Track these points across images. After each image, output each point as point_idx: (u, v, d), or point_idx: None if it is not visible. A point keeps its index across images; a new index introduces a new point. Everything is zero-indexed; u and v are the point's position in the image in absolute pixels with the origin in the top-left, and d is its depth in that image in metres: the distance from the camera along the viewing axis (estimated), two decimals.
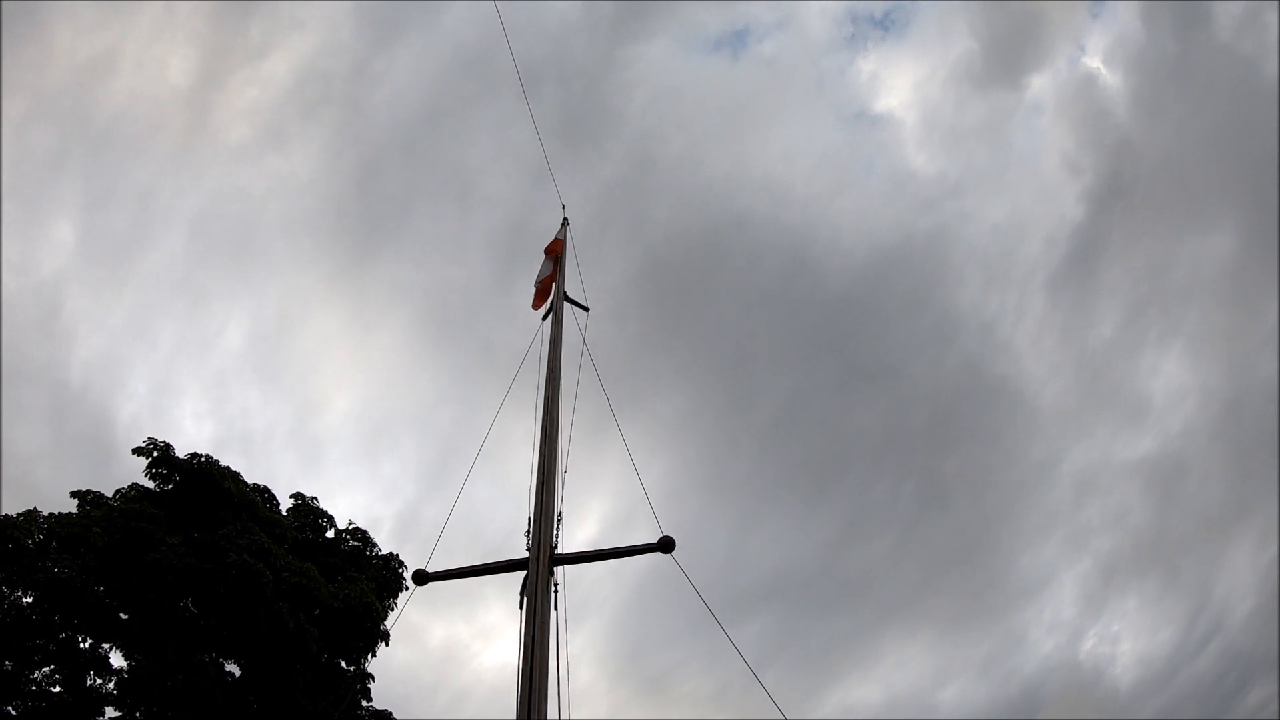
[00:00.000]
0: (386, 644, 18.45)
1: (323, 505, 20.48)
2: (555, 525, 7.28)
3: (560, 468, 8.02)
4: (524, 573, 6.92)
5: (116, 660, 16.37)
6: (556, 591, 6.82)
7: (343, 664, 18.17)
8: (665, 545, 7.07)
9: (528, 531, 7.28)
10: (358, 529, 20.38)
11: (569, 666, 6.50)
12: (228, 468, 18.92)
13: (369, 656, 18.31)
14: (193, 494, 18.25)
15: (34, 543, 16.08)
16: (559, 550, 7.13)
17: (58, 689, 15.70)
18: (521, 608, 6.63)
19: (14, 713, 14.59)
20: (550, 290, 13.13)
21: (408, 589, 19.03)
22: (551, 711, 6.07)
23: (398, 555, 20.33)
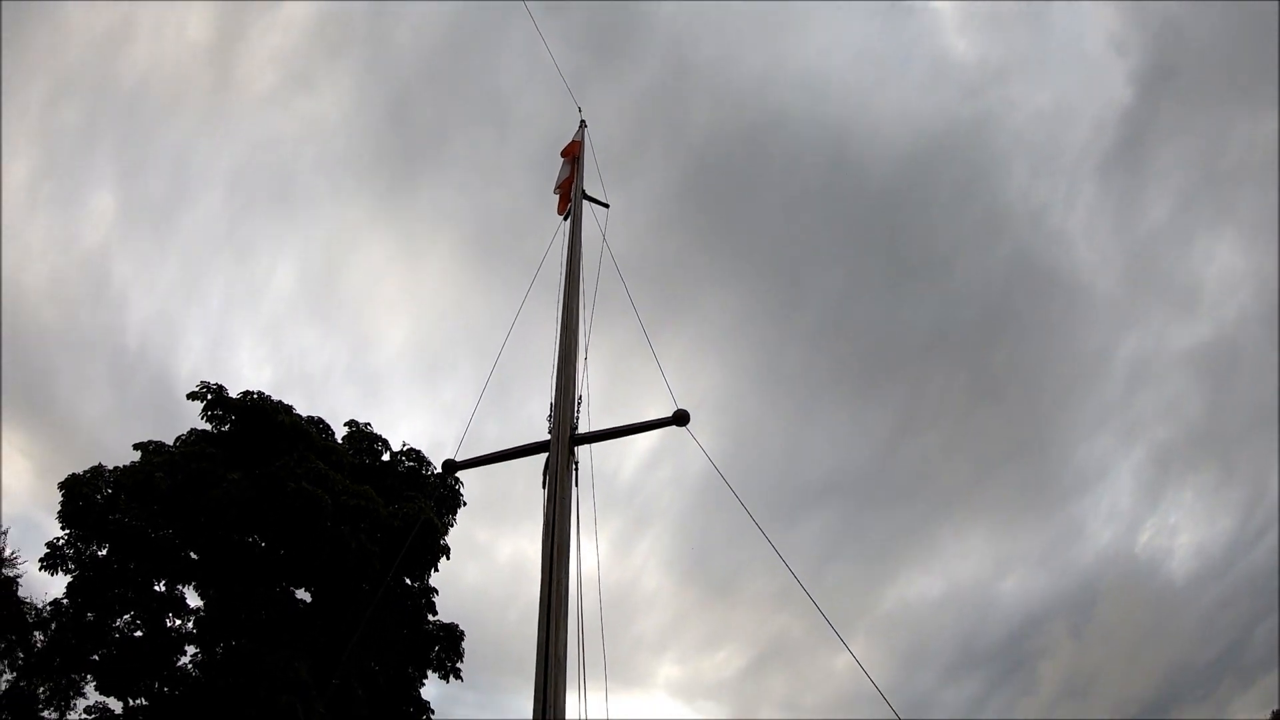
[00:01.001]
0: (447, 558, 18.91)
1: (383, 434, 20.86)
2: (575, 407, 7.28)
3: (580, 354, 8.06)
4: (547, 455, 6.95)
5: (192, 600, 17.02)
6: (577, 470, 6.85)
7: (407, 581, 18.71)
8: (680, 419, 7.05)
9: (550, 415, 7.30)
10: (413, 450, 20.77)
11: (589, 545, 6.55)
12: (280, 402, 19.29)
13: (431, 571, 18.81)
14: (249, 431, 18.67)
15: (103, 497, 16.61)
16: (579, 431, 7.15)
17: (139, 633, 16.41)
18: (544, 486, 6.70)
19: (100, 660, 15.27)
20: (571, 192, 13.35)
21: (465, 505, 19.45)
22: (576, 602, 6.09)
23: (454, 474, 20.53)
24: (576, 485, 6.67)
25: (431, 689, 18.90)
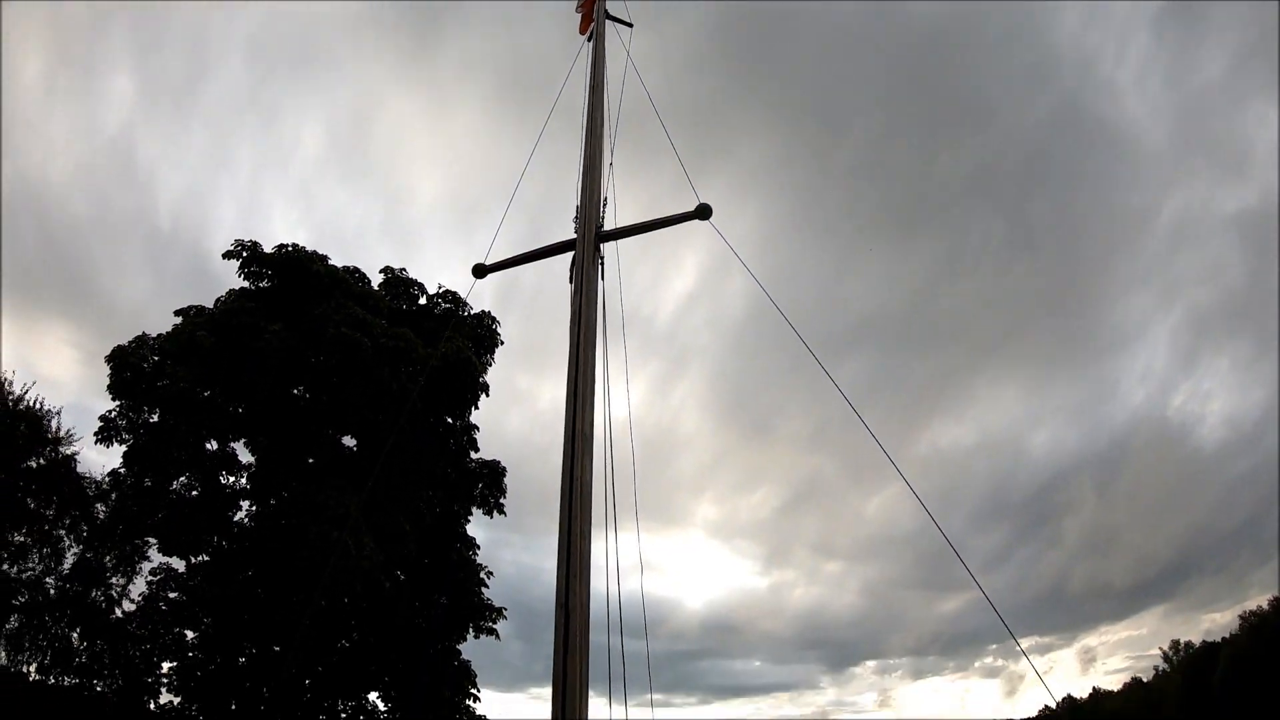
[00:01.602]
0: (486, 395, 19.29)
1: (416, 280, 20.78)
2: (600, 209, 7.27)
3: (605, 158, 7.99)
4: (573, 254, 7.00)
5: (243, 456, 17.57)
6: (603, 264, 6.91)
7: (449, 420, 19.24)
8: (703, 212, 6.95)
9: (576, 217, 7.30)
10: (448, 292, 20.93)
11: (619, 384, 6.65)
12: (314, 252, 19.33)
13: (471, 410, 19.27)
14: (286, 285, 18.81)
15: (149, 365, 16.91)
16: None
17: (195, 493, 17.06)
18: (571, 282, 6.76)
19: (160, 524, 15.91)
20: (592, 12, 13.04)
21: (503, 344, 19.66)
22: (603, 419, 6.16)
23: (489, 313, 20.98)
24: (603, 279, 6.74)
25: (479, 531, 19.88)
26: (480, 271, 7.63)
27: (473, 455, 19.52)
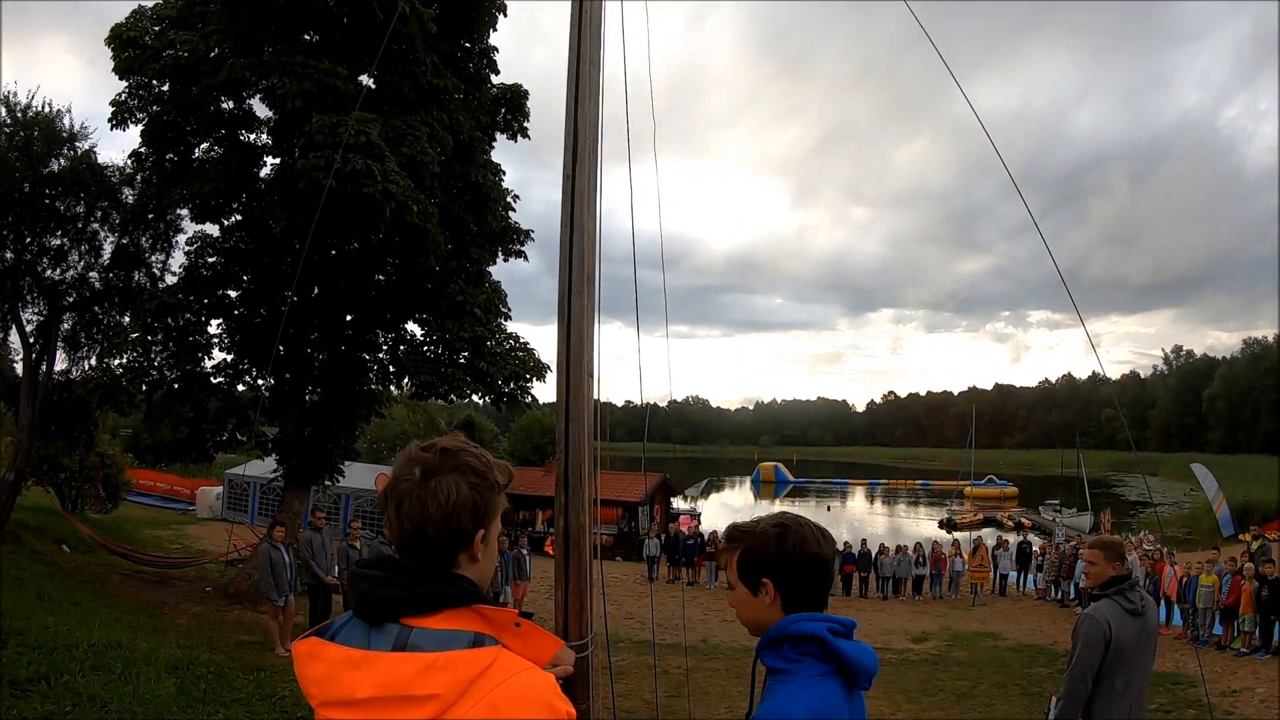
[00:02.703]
0: (504, 15, 17.84)
1: None
2: None
3: None
4: None
5: (261, 111, 16.94)
6: None
7: (465, 44, 17.99)
8: None
9: None
10: None
11: None
12: None
13: (489, 31, 17.88)
14: None
15: (151, 37, 15.88)
16: None
17: (219, 154, 16.29)
18: None
19: (188, 194, 15.79)
20: None
21: None
22: None
23: None
24: None
25: (508, 165, 19.15)
26: None
27: (493, 79, 18.19)
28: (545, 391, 18.72)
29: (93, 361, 17.34)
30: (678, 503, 42.34)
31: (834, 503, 65.48)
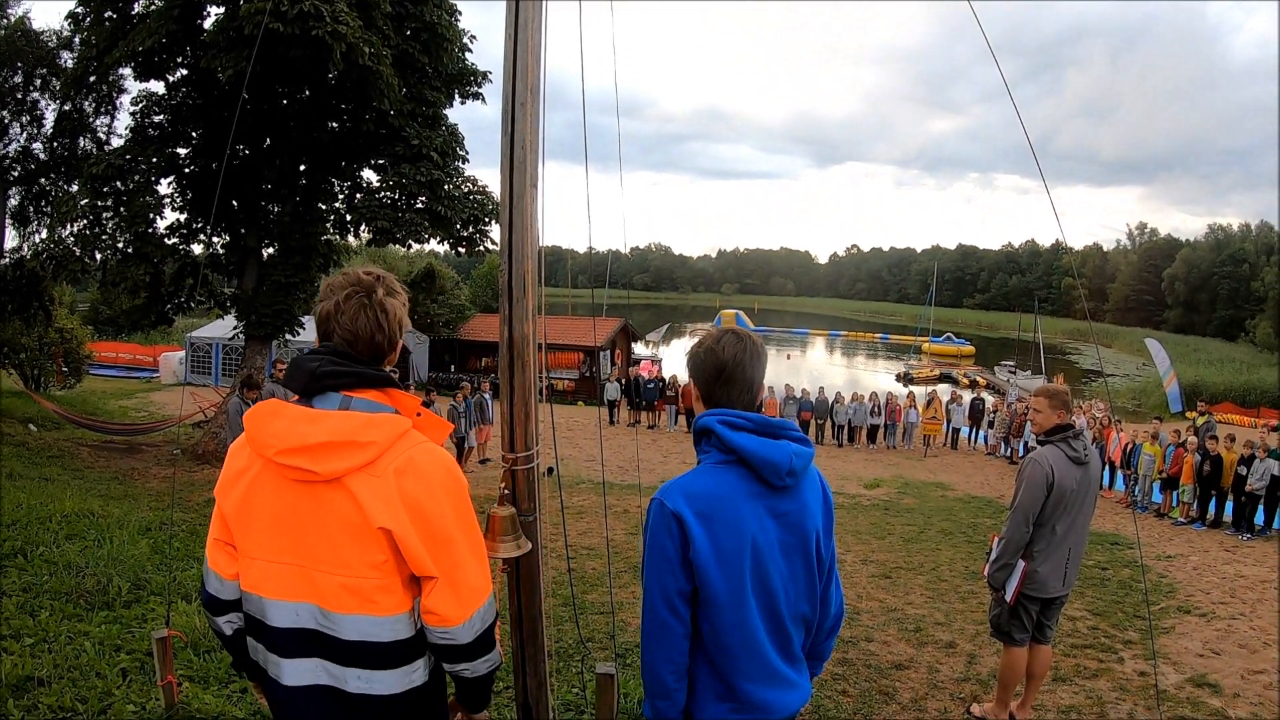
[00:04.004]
0: None
1: None
2: None
3: None
4: None
5: None
6: None
7: None
8: None
9: None
10: None
11: None
12: None
13: None
14: None
15: None
16: None
17: (160, 6, 15.38)
18: None
19: (130, 51, 14.66)
20: None
21: None
22: None
23: None
24: None
25: (462, 5, 17.13)
26: None
27: None
28: None
29: (43, 234, 16.77)
30: (639, 348, 42.86)
31: (794, 352, 66.88)
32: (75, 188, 16.30)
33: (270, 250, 16.71)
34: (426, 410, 1.83)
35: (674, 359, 43.63)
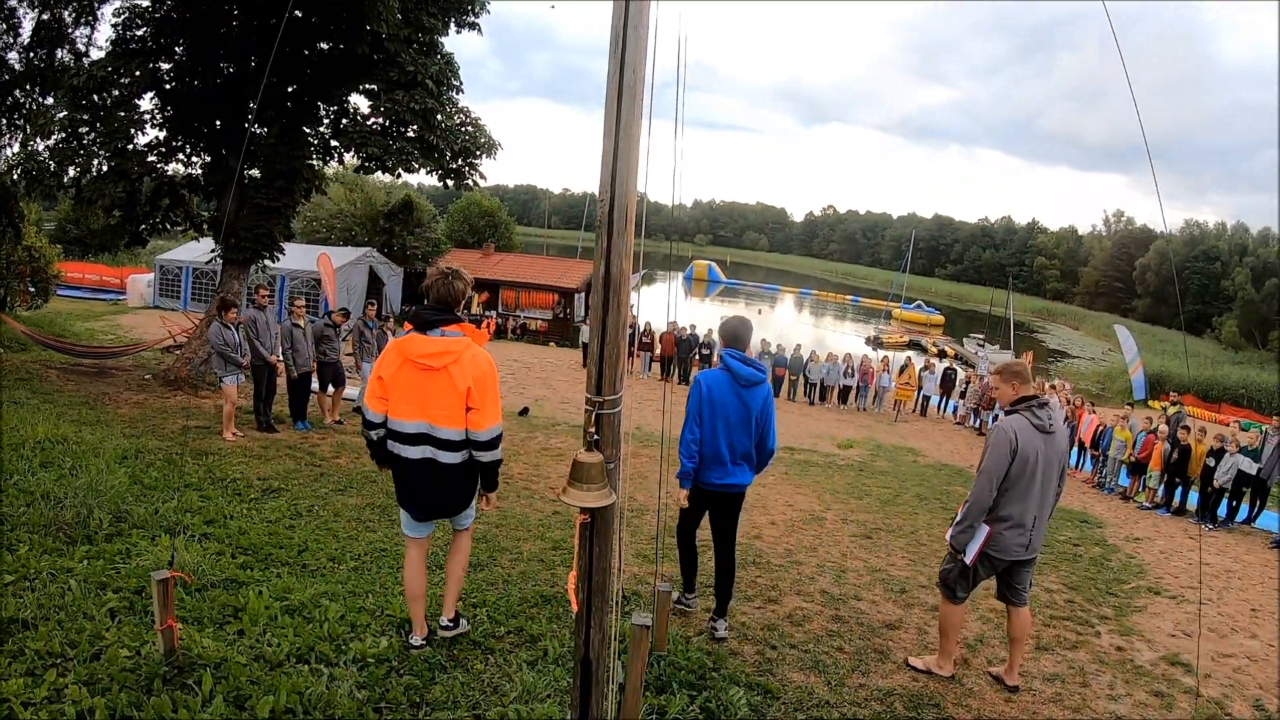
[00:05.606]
0: None
1: None
2: None
3: None
4: None
5: None
6: None
7: None
8: None
9: None
10: None
11: None
12: None
13: None
14: None
15: None
16: None
17: None
18: None
19: None
20: None
21: None
22: None
23: None
24: None
25: None
26: None
27: None
28: (492, 170, 17.99)
29: (15, 148, 15.94)
30: None
31: (764, 307, 66.86)
32: (51, 100, 15.53)
33: (252, 172, 16.15)
34: (476, 331, 3.86)
35: (650, 306, 43.48)
